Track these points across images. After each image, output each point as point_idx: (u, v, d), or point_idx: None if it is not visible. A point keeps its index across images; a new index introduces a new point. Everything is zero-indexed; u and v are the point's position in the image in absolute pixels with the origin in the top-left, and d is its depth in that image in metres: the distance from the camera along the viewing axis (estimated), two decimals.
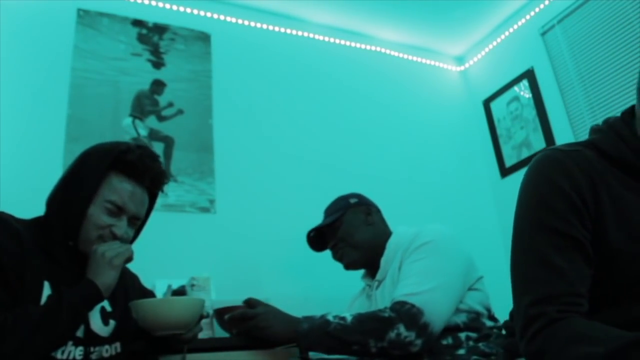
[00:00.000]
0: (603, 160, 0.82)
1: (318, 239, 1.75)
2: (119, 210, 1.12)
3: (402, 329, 1.25)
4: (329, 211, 1.71)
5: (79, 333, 1.06)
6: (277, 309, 1.32)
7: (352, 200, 1.69)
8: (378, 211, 1.72)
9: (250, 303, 1.32)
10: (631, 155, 0.81)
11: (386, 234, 1.61)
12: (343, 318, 1.28)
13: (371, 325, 1.26)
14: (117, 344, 1.16)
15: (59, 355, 1.02)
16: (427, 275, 1.34)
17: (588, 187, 0.80)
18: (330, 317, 1.29)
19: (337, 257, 1.67)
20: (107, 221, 1.11)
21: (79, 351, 1.06)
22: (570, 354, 0.70)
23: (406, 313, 1.27)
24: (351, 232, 1.62)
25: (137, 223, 1.20)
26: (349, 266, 1.65)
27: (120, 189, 1.12)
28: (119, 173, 1.14)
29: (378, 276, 1.55)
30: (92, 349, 1.09)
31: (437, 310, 1.31)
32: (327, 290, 2.18)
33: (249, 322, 1.27)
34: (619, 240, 0.78)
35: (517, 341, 0.78)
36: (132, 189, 1.14)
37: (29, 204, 1.18)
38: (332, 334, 1.25)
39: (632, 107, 0.84)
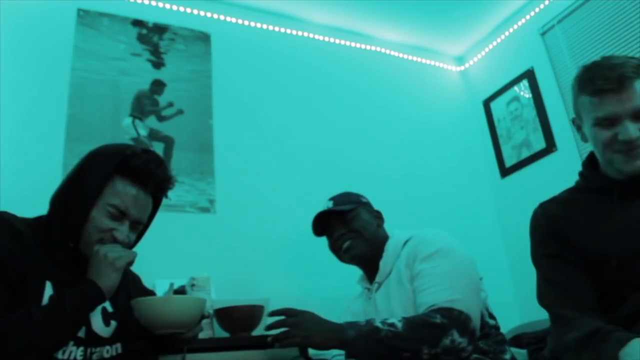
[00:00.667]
0: (579, 194, 1.22)
1: (322, 223, 1.68)
2: (121, 215, 1.12)
3: (455, 335, 1.23)
4: (340, 200, 1.66)
5: (80, 333, 1.06)
6: (317, 315, 1.26)
7: (363, 199, 1.69)
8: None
9: (288, 312, 1.24)
10: (594, 187, 1.19)
11: (386, 237, 1.61)
12: (392, 324, 1.23)
13: (425, 331, 1.22)
14: (118, 345, 1.16)
15: (60, 356, 1.02)
16: (456, 280, 1.33)
17: (555, 222, 1.18)
18: (378, 324, 1.24)
19: (344, 247, 1.59)
20: (109, 225, 1.10)
21: (80, 351, 1.06)
22: (564, 339, 1.04)
23: (457, 319, 1.25)
24: (366, 226, 1.59)
25: (140, 227, 1.19)
26: (354, 258, 1.60)
27: (123, 193, 1.12)
28: (123, 177, 1.13)
29: (378, 278, 1.54)
30: (93, 350, 1.09)
31: (477, 314, 1.32)
32: (327, 290, 2.18)
33: (289, 331, 1.20)
34: (581, 244, 1.12)
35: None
36: (136, 193, 1.14)
37: (29, 204, 1.18)
38: (384, 341, 1.20)
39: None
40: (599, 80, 1.08)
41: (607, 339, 0.94)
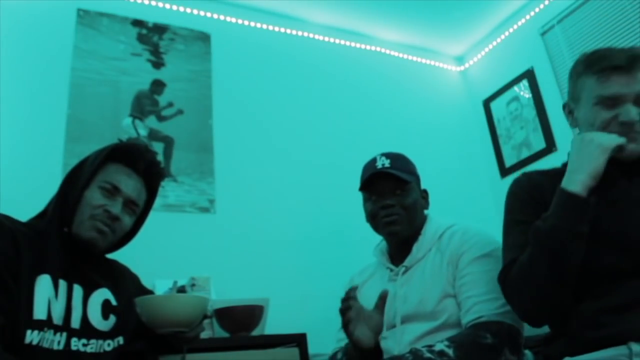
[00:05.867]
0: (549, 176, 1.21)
1: (373, 178, 1.48)
2: (113, 189, 1.15)
3: (507, 353, 1.18)
4: (399, 164, 1.50)
5: (75, 324, 1.07)
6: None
7: (417, 172, 1.56)
8: None
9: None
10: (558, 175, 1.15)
11: (424, 219, 1.48)
12: (442, 352, 1.15)
13: (478, 356, 1.15)
14: (120, 338, 1.16)
15: (55, 347, 1.03)
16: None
17: (538, 190, 1.19)
18: (427, 355, 1.14)
19: (388, 219, 1.42)
20: (101, 201, 1.13)
21: (73, 341, 1.07)
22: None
23: (508, 335, 1.19)
24: (416, 206, 1.45)
25: (135, 210, 1.21)
26: (392, 235, 1.43)
27: (115, 172, 1.17)
28: (115, 162, 1.18)
29: (407, 262, 1.41)
30: (87, 341, 1.09)
31: (523, 325, 1.25)
32: (327, 291, 2.17)
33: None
34: None
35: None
36: (128, 172, 1.19)
37: (29, 204, 1.18)
38: None
39: None
40: (610, 58, 1.09)
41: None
